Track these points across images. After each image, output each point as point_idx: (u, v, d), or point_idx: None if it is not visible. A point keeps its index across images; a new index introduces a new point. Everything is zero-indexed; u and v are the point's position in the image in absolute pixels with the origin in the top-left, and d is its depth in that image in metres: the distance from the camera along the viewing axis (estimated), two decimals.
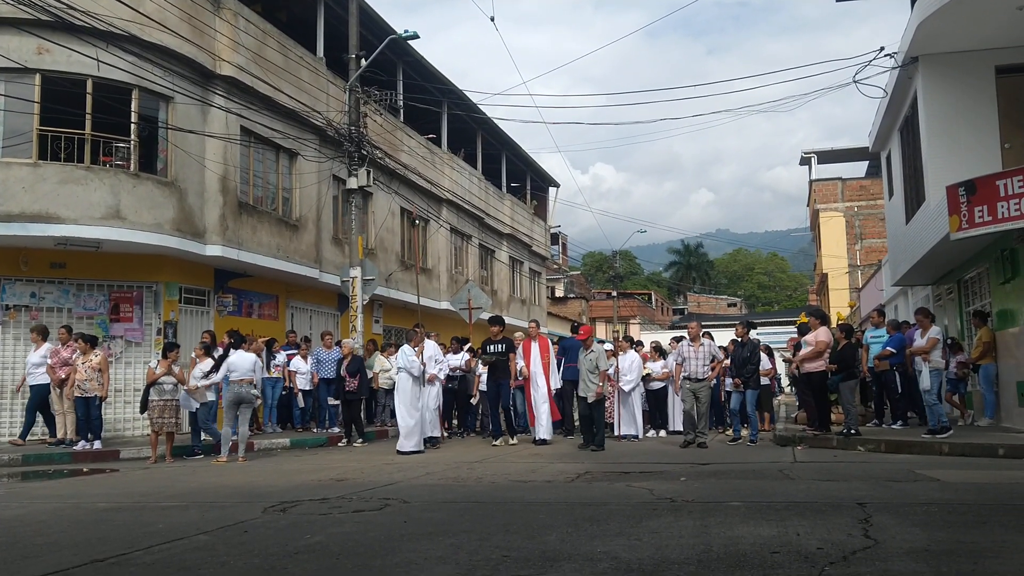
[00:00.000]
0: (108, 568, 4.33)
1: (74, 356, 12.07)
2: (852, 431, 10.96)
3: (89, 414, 11.78)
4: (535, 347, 12.79)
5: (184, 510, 6.52)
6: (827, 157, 37.69)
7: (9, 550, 4.91)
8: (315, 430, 14.82)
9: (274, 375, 14.57)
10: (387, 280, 19.88)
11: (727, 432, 13.69)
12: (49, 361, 12.35)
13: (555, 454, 10.96)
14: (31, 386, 12.43)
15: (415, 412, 11.83)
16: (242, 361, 11.15)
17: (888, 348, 12.78)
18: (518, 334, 15.24)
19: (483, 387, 13.67)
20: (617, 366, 13.25)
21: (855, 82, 14.52)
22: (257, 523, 5.66)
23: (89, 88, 12.95)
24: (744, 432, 12.53)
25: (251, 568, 4.22)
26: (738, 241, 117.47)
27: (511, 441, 12.51)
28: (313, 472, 9.21)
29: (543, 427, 12.42)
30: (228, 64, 14.58)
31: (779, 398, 17.67)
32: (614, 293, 47.71)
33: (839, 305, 33.59)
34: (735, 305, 74.50)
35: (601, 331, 46.91)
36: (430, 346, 12.83)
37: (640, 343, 16.73)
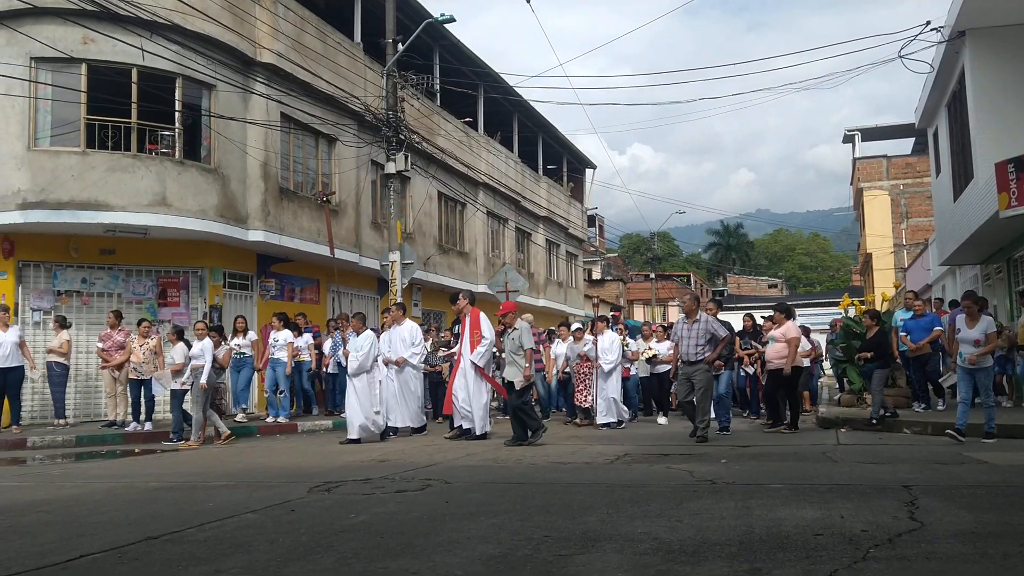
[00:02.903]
0: (162, 545, 4.46)
1: (128, 339, 12.42)
2: (888, 413, 10.59)
3: (144, 396, 12.12)
4: (467, 323, 10.80)
5: (233, 489, 6.68)
6: (872, 134, 36.89)
7: (67, 528, 5.09)
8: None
9: (304, 359, 14.20)
10: (425, 264, 20.00)
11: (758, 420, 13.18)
12: (104, 344, 12.65)
13: (592, 436, 10.97)
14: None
15: (353, 401, 10.82)
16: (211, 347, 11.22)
17: (937, 328, 12.41)
18: (527, 316, 14.51)
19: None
20: (596, 346, 12.41)
21: (900, 57, 14.23)
22: (303, 502, 5.78)
23: (134, 77, 13.19)
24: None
25: (299, 545, 4.33)
26: (779, 221, 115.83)
27: (448, 435, 11.16)
28: (355, 453, 9.36)
29: (460, 414, 10.70)
30: (268, 51, 14.74)
31: (822, 379, 17.40)
32: (652, 275, 47.42)
33: (884, 285, 32.98)
34: (776, 286, 73.55)
35: (639, 314, 46.69)
36: (407, 328, 11.66)
37: (648, 323, 16.61)
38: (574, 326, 13.56)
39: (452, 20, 17.68)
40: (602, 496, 5.73)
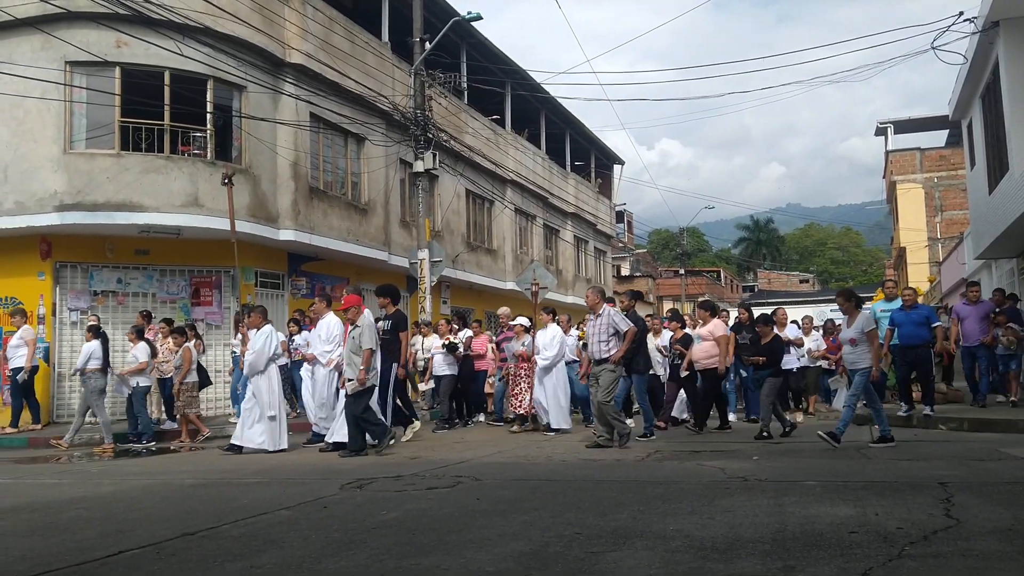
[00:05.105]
0: (199, 541, 4.53)
1: (154, 339, 12.59)
2: (765, 433, 9.56)
3: (169, 394, 12.27)
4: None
5: (266, 486, 6.77)
6: (905, 127, 36.32)
7: (105, 524, 5.19)
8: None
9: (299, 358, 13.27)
10: (453, 261, 20.07)
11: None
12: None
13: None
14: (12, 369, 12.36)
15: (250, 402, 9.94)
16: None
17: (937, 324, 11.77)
18: (503, 308, 13.55)
19: (438, 371, 12.51)
20: (535, 342, 11.33)
21: (933, 48, 13.97)
22: (336, 499, 5.84)
23: (167, 80, 13.38)
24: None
25: (332, 542, 4.37)
26: (810, 215, 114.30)
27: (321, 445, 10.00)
28: (386, 451, 9.41)
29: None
30: (297, 52, 14.87)
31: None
32: (681, 271, 47.13)
33: (918, 280, 32.49)
34: (807, 281, 72.76)
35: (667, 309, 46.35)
36: (324, 323, 10.36)
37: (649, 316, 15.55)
38: (517, 320, 12.11)
39: (479, 18, 17.72)
40: (633, 493, 5.72)
